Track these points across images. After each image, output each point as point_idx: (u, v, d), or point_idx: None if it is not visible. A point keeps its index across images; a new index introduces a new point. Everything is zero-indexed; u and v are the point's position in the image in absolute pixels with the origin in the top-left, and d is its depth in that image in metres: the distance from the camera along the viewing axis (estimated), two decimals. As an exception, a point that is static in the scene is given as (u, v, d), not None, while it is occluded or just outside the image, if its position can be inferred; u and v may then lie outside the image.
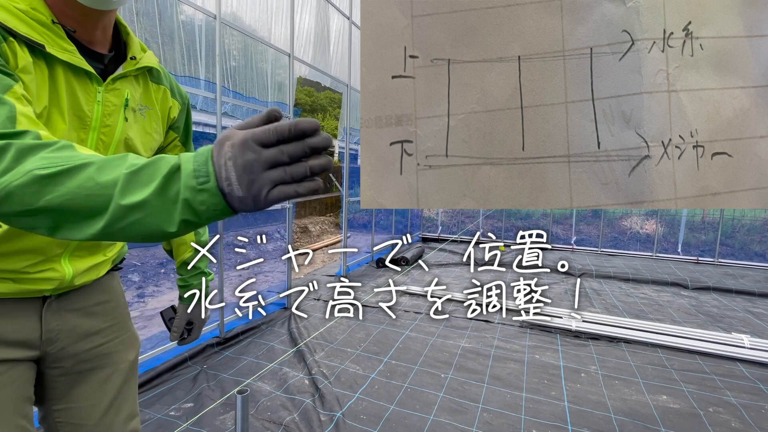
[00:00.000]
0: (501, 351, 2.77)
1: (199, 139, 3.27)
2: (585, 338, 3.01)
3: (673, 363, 2.63)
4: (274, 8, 3.27)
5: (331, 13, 4.13)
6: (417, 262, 5.69)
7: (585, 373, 2.49)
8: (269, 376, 2.40)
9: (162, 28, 2.41)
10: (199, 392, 2.19)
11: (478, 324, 3.27)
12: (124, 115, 0.77)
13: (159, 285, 4.35)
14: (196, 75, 2.63)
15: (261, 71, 3.19)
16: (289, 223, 3.54)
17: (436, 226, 8.13)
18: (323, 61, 4.03)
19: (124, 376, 0.91)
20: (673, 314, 3.63)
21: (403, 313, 3.51)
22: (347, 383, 2.31)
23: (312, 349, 2.74)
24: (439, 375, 2.43)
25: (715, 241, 6.21)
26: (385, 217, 7.05)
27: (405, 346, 2.82)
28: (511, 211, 7.75)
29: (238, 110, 3.02)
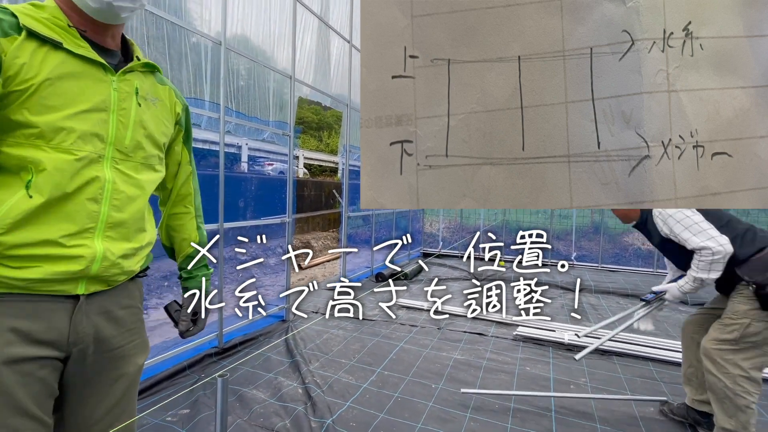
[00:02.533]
0: (493, 363, 2.81)
1: (207, 156, 3.42)
2: (577, 351, 3.03)
3: (663, 376, 2.65)
4: (277, 33, 3.46)
5: (332, 37, 4.34)
6: (416, 276, 5.74)
7: (574, 384, 2.52)
8: (264, 384, 2.46)
9: (171, 52, 2.58)
10: (196, 399, 2.26)
11: (472, 337, 3.32)
12: (137, 100, 0.90)
13: (162, 297, 4.44)
14: (201, 96, 2.79)
15: (263, 92, 3.36)
16: (289, 236, 3.65)
17: (438, 241, 8.19)
18: (324, 81, 4.21)
19: (132, 379, 0.97)
20: (668, 329, 3.64)
21: (399, 326, 3.56)
22: (339, 392, 2.37)
23: (307, 359, 2.80)
24: (429, 385, 2.47)
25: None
26: (387, 232, 7.14)
27: (398, 358, 2.87)
28: (512, 227, 7.81)
29: (240, 129, 3.18)
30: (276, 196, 3.73)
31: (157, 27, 2.49)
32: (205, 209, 1.26)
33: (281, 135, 3.59)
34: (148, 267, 1.03)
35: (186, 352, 2.72)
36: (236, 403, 2.23)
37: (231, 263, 6.17)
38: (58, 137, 0.77)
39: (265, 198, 4.31)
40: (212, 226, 2.84)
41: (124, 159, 0.88)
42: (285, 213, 3.60)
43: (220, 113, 2.81)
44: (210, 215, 2.85)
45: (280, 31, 3.48)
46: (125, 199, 0.86)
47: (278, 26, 3.44)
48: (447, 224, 8.44)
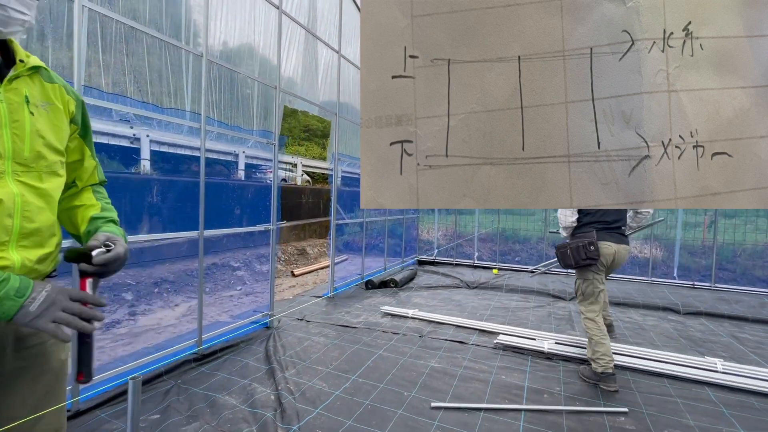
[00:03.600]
0: (469, 371, 2.80)
1: (188, 161, 3.48)
2: (556, 360, 3.02)
3: (639, 385, 2.63)
4: (262, 43, 3.54)
5: (319, 47, 4.42)
6: (407, 284, 5.74)
7: (548, 393, 2.51)
8: (238, 391, 2.48)
9: (149, 59, 2.65)
10: (168, 404, 2.28)
11: (452, 345, 3.31)
12: (29, 110, 0.87)
13: (151, 304, 4.49)
14: (182, 107, 2.86)
15: (246, 101, 3.43)
16: (273, 245, 3.69)
17: (434, 248, 8.18)
18: (311, 91, 4.28)
19: (56, 374, 0.98)
20: (654, 338, 3.60)
21: (382, 334, 3.57)
22: (311, 399, 2.38)
23: (284, 366, 2.82)
24: (402, 393, 2.47)
25: (714, 266, 6.13)
26: (381, 240, 7.16)
27: (375, 365, 2.88)
28: (508, 234, 7.79)
29: (222, 138, 3.24)
30: (263, 204, 3.77)
31: (137, 43, 2.57)
32: (188, 216, 1.20)
33: (265, 144, 3.65)
34: (56, 269, 1.02)
35: (164, 357, 2.74)
36: (207, 409, 2.25)
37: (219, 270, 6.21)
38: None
39: (254, 206, 4.36)
40: (192, 234, 2.88)
41: (26, 171, 0.87)
42: (269, 221, 3.64)
43: (201, 123, 2.87)
44: (193, 223, 2.90)
45: (266, 41, 3.55)
46: (35, 209, 0.88)
47: (263, 37, 3.51)
48: (444, 231, 8.44)
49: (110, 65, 2.38)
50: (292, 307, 4.43)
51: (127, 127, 6.31)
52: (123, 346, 3.27)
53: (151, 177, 6.06)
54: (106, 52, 2.35)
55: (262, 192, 4.77)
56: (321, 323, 3.85)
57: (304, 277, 6.60)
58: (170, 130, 2.97)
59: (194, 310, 4.20)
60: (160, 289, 4.76)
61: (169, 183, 4.28)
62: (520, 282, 5.62)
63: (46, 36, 2.00)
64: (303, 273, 6.79)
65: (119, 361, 2.82)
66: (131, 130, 6.54)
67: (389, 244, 6.61)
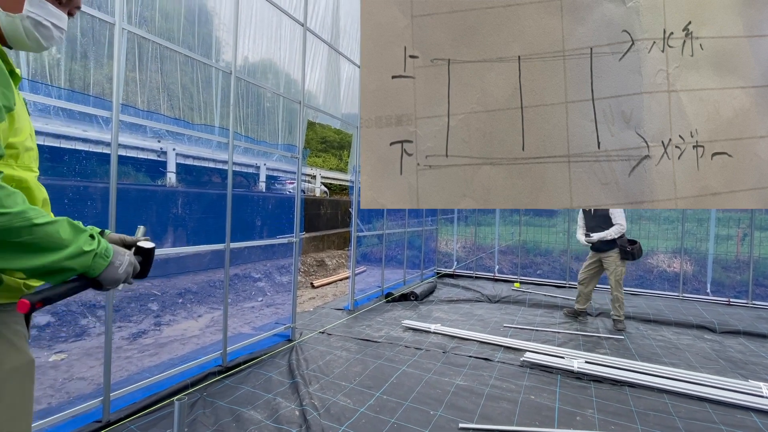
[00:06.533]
0: (496, 390, 2.72)
1: (211, 173, 3.55)
2: (587, 380, 2.91)
3: (679, 410, 2.49)
4: (287, 60, 3.61)
5: (341, 62, 4.49)
6: (427, 297, 5.67)
7: (581, 416, 2.41)
8: (263, 405, 2.47)
9: (183, 80, 2.74)
10: (194, 418, 2.29)
11: (477, 362, 3.23)
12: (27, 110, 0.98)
13: (176, 314, 4.56)
14: (211, 123, 2.93)
15: (271, 115, 3.49)
16: (296, 257, 3.71)
17: (453, 261, 8.09)
18: (333, 104, 4.34)
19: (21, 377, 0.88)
20: (690, 359, 3.43)
21: (404, 349, 3.51)
22: (336, 416, 2.35)
23: (308, 380, 2.80)
24: (428, 412, 2.42)
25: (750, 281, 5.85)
26: (400, 251, 7.12)
27: (399, 382, 2.83)
28: (530, 247, 7.63)
29: (248, 151, 3.29)
30: (286, 216, 3.81)
31: (170, 61, 2.66)
32: (213, 229, 1.25)
33: (290, 157, 3.69)
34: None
35: (190, 370, 2.76)
36: (233, 424, 2.25)
37: (241, 281, 6.27)
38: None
39: (276, 217, 4.41)
40: (218, 246, 2.92)
41: None
42: (293, 233, 3.67)
43: (229, 138, 2.93)
44: (218, 235, 2.95)
45: (290, 57, 3.63)
46: None
47: (288, 53, 3.59)
48: (463, 243, 8.33)
49: (146, 84, 2.46)
50: (313, 319, 4.42)
51: (154, 141, 6.52)
52: (149, 357, 3.31)
53: (177, 189, 6.22)
54: (142, 71, 2.44)
55: (283, 204, 4.83)
56: (342, 336, 3.83)
57: (323, 288, 6.61)
58: (200, 144, 3.05)
59: (217, 321, 4.25)
60: (184, 300, 4.83)
61: (196, 195, 4.38)
62: (544, 296, 5.48)
63: (88, 57, 2.09)
64: (322, 284, 6.79)
65: (146, 372, 2.85)
66: (158, 144, 6.76)
67: (408, 256, 6.57)
